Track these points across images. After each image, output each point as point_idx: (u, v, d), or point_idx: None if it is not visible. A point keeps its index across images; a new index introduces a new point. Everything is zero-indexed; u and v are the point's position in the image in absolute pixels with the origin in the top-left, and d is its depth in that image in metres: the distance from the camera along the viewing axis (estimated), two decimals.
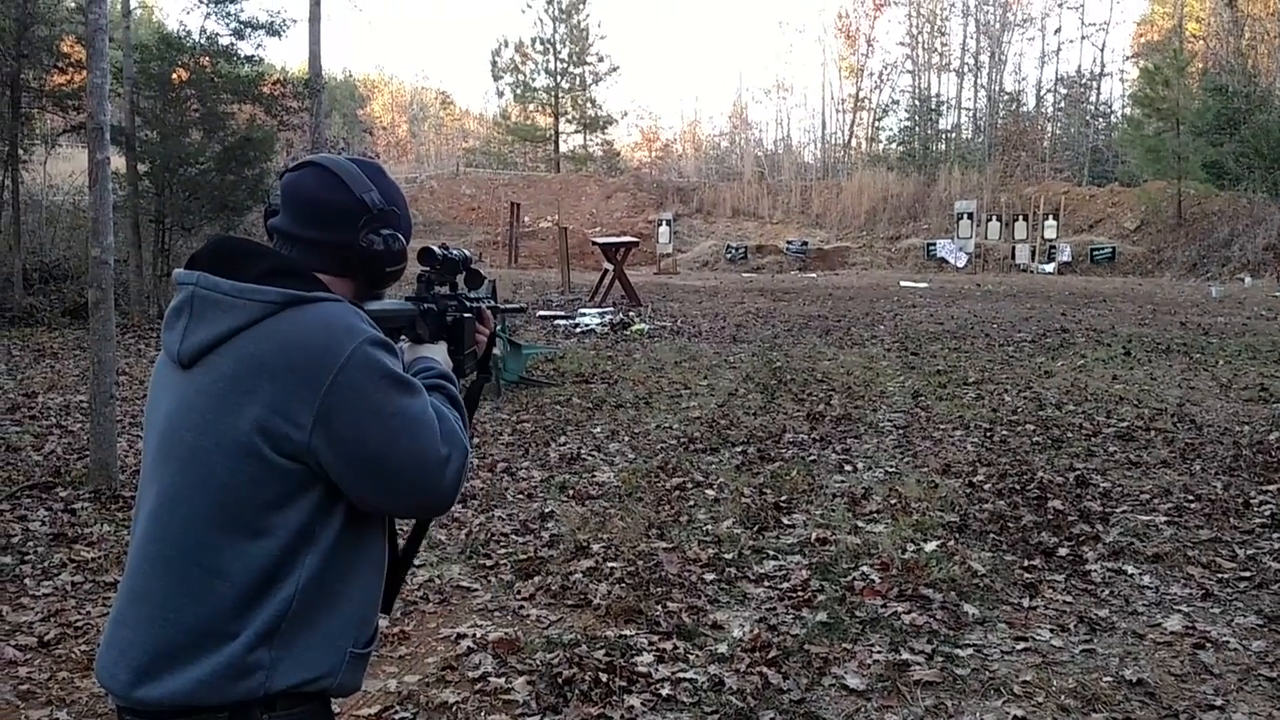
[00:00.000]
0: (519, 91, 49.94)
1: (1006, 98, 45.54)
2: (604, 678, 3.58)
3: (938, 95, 45.37)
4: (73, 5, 16.59)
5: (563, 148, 49.41)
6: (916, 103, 44.67)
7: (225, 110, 17.24)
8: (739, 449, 7.31)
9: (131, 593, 1.51)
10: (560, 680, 3.57)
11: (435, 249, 1.84)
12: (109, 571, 4.76)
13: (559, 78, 48.95)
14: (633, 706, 3.42)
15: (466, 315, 1.86)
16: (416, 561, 3.82)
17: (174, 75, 16.60)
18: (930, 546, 4.98)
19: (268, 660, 1.45)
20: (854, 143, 49.01)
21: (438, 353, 1.78)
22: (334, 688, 1.52)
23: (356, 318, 1.51)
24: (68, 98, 15.79)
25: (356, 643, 1.55)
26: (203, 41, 16.78)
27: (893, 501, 5.85)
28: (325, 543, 1.48)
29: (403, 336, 1.78)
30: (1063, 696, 3.48)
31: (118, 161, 13.39)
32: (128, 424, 7.89)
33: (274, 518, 1.46)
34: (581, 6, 48.59)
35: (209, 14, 16.75)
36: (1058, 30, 47.27)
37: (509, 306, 2.31)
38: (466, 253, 1.89)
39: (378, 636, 1.65)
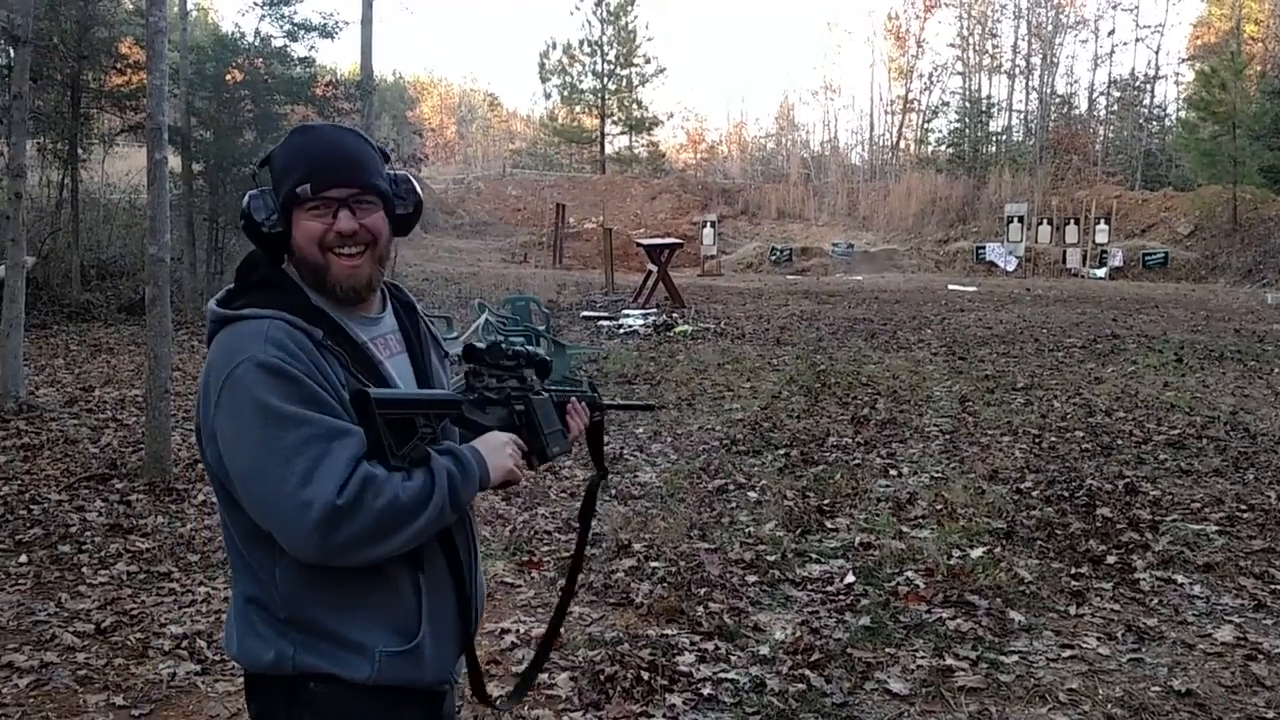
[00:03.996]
0: (566, 93, 50.12)
1: (1058, 100, 44.90)
2: (646, 676, 3.60)
3: (988, 97, 44.82)
4: (131, 8, 16.97)
5: (608, 149, 49.51)
6: (966, 104, 44.15)
7: (278, 111, 17.51)
8: (782, 451, 7.29)
9: None
10: (602, 677, 3.60)
11: (475, 344, 1.73)
12: (163, 562, 4.87)
13: (606, 79, 49.06)
14: (674, 705, 3.44)
15: (538, 397, 1.76)
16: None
17: (228, 76, 16.90)
18: (976, 552, 4.95)
19: (289, 648, 1.55)
20: (902, 144, 48.61)
21: (488, 440, 1.65)
22: (377, 684, 1.56)
23: (252, 336, 1.49)
24: (125, 98, 16.13)
25: (391, 644, 1.57)
26: (257, 43, 17.06)
27: (938, 507, 5.81)
28: (284, 552, 1.50)
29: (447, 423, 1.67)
30: (1109, 705, 3.45)
31: (173, 161, 13.63)
32: (181, 418, 8.03)
33: (233, 520, 1.57)
34: (629, 8, 48.65)
35: (263, 16, 17.03)
36: (1111, 32, 46.81)
37: (627, 404, 2.29)
38: (532, 350, 1.79)
39: (422, 638, 1.61)
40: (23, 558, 4.88)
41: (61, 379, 10.09)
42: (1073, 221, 30.64)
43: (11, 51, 9.75)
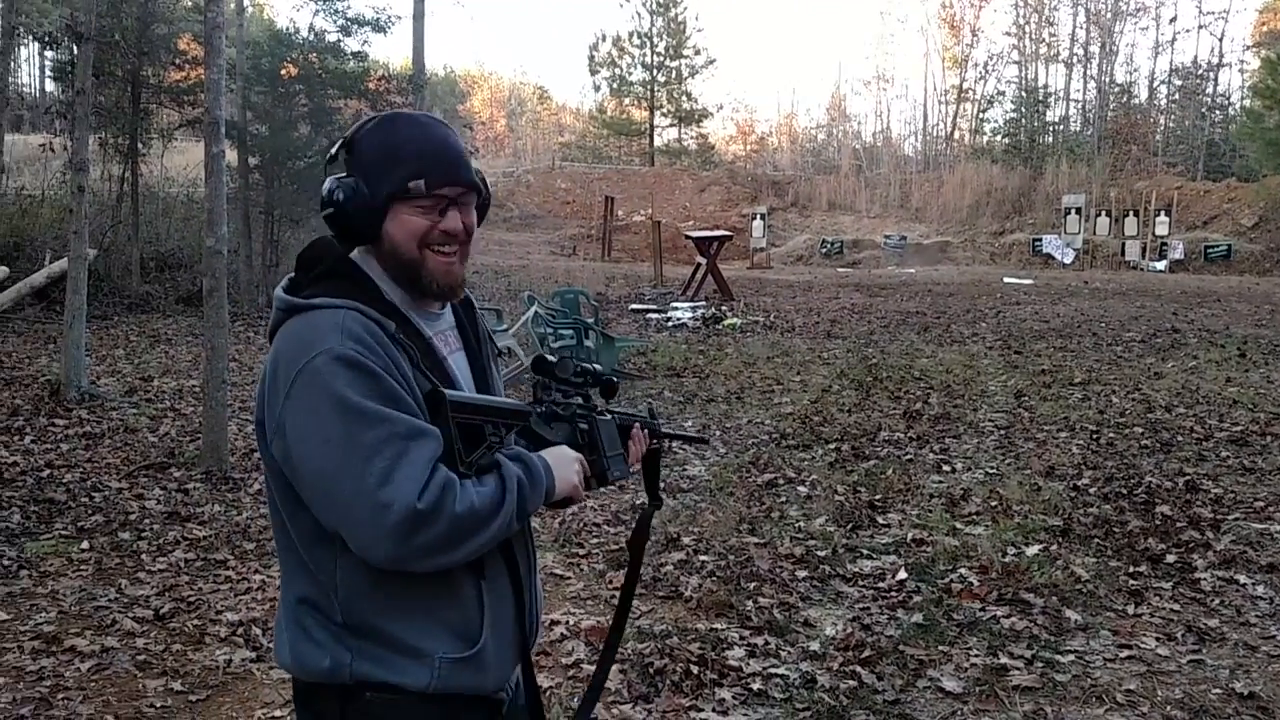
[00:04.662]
0: (615, 85, 50.14)
1: (1117, 89, 44.03)
2: (695, 670, 3.59)
3: (1045, 86, 44.04)
4: (190, 4, 17.26)
5: (657, 141, 49.45)
6: (1023, 94, 43.43)
7: (332, 105, 17.71)
8: (832, 446, 7.23)
9: None
10: (652, 670, 3.60)
11: (547, 356, 1.71)
12: (219, 550, 4.95)
13: (655, 71, 48.97)
14: (724, 700, 3.43)
15: (602, 418, 1.73)
16: None
17: (283, 71, 17.12)
18: (1032, 550, 4.86)
19: (346, 655, 1.50)
20: (956, 135, 47.93)
21: (557, 453, 1.62)
22: (437, 691, 1.51)
23: (329, 328, 1.44)
24: (184, 93, 16.43)
25: (452, 650, 1.52)
26: (311, 38, 17.26)
27: (993, 503, 5.73)
28: (350, 552, 1.45)
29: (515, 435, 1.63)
30: (1169, 707, 3.37)
31: (230, 155, 13.85)
32: (238, 408, 8.17)
33: (294, 520, 1.51)
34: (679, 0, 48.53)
35: (318, 11, 17.27)
36: (1173, 19, 45.77)
37: (682, 434, 2.15)
38: (600, 370, 1.75)
39: (484, 644, 1.56)
40: (84, 544, 4.99)
41: (121, 369, 10.31)
42: (1132, 213, 29.99)
43: (75, 48, 9.96)
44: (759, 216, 32.45)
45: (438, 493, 1.38)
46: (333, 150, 1.59)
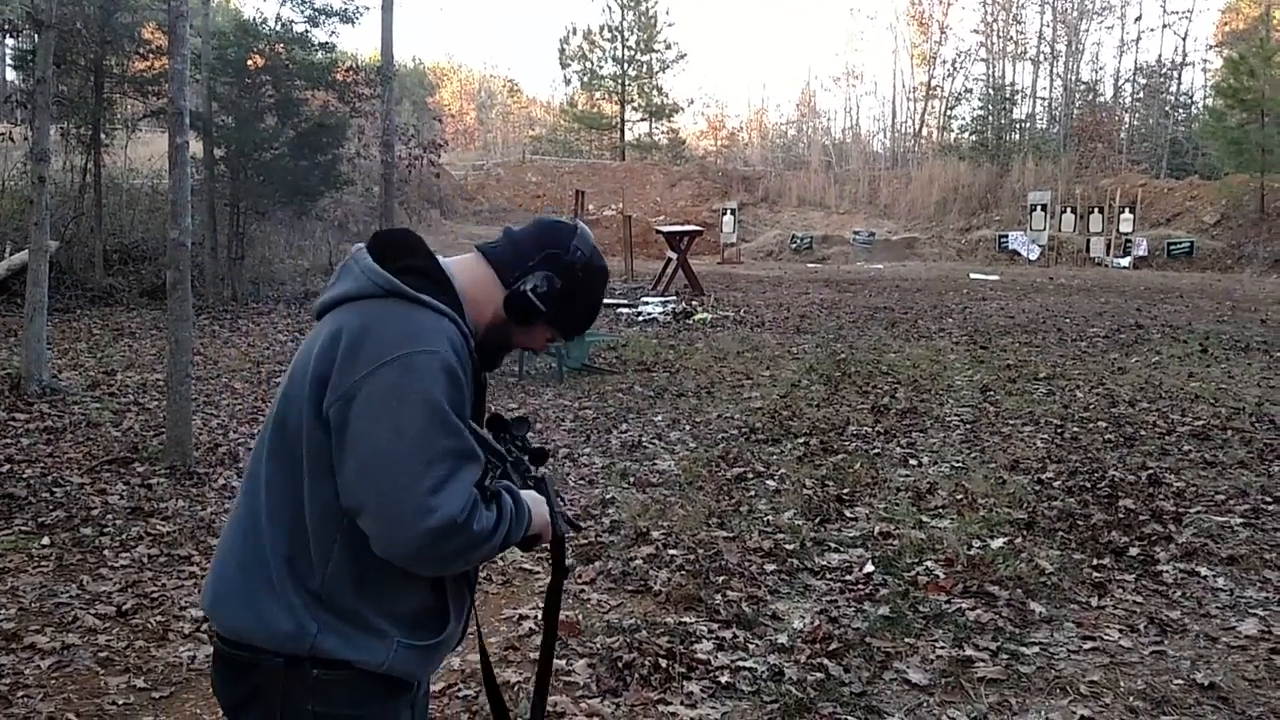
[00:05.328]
0: (586, 79, 49.94)
1: (1083, 87, 44.40)
2: (664, 663, 3.60)
3: (1012, 84, 44.29)
4: None
5: (628, 135, 49.31)
6: (990, 91, 43.68)
7: (299, 96, 17.54)
8: (801, 440, 7.26)
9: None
10: (620, 664, 3.60)
11: (504, 416, 1.82)
12: (183, 545, 4.90)
13: (626, 65, 48.84)
14: (692, 693, 3.43)
15: (542, 480, 1.81)
16: None
17: (250, 61, 16.92)
18: (997, 543, 4.91)
19: (313, 625, 1.54)
20: (925, 132, 48.20)
21: (529, 494, 1.72)
22: (385, 672, 1.58)
23: (440, 333, 1.53)
24: (148, 83, 16.19)
25: (410, 637, 1.60)
26: (278, 28, 17.07)
27: (959, 497, 5.77)
28: (356, 531, 1.52)
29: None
30: (1131, 698, 3.42)
31: (195, 146, 13.69)
32: (202, 402, 8.09)
33: (315, 485, 1.54)
34: None
35: (284, 1, 17.05)
36: (1138, 18, 45.98)
37: (572, 522, 2.02)
38: (526, 423, 1.87)
39: (447, 636, 1.68)
40: (45, 540, 4.91)
41: (84, 363, 10.17)
42: (1097, 210, 30.31)
43: (35, 36, 9.79)
44: (729, 212, 32.50)
45: (471, 511, 1.49)
46: (570, 259, 1.71)
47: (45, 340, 8.49)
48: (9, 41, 16.45)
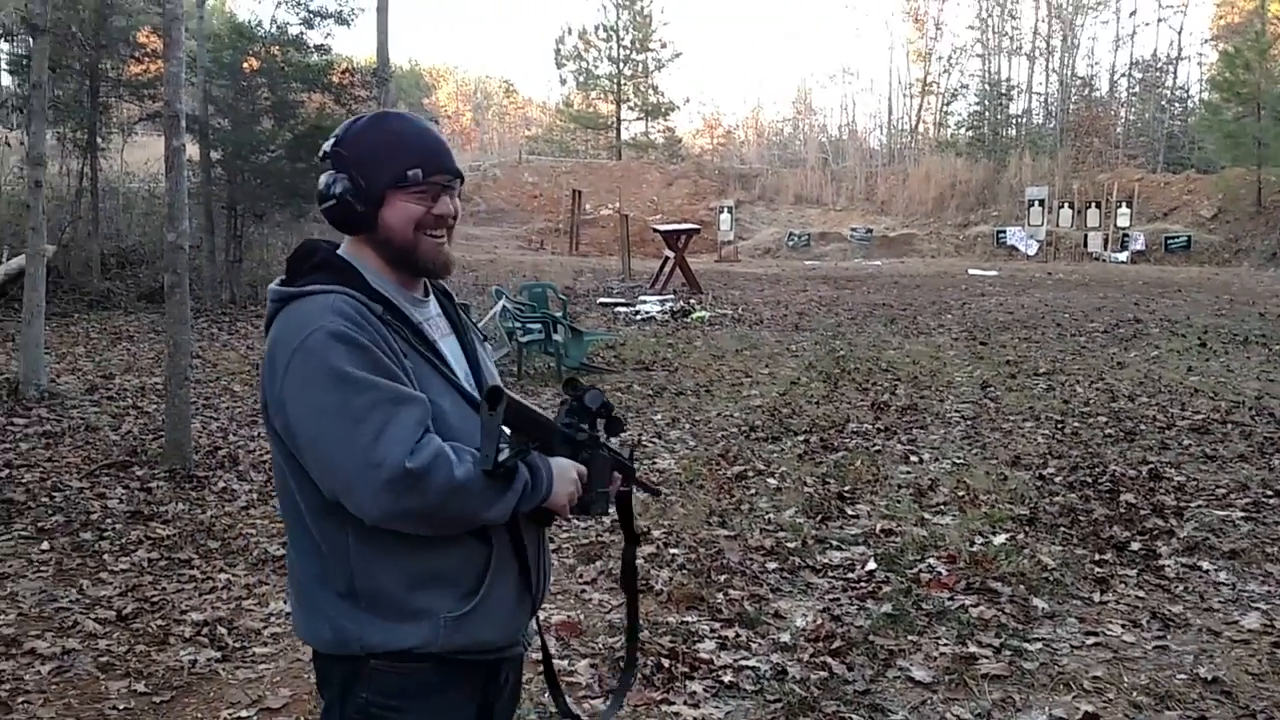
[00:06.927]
0: (581, 79, 49.95)
1: (1079, 82, 44.44)
2: (666, 663, 3.59)
3: (1008, 80, 44.35)
4: None
5: (624, 135, 49.31)
6: (986, 87, 43.74)
7: (295, 99, 17.49)
8: (801, 438, 7.25)
9: None
10: (622, 664, 3.58)
11: (581, 380, 1.80)
12: (183, 549, 4.88)
13: (621, 64, 48.83)
14: (695, 693, 3.42)
15: (601, 455, 1.78)
16: None
17: (245, 64, 16.88)
18: (999, 539, 4.90)
19: (352, 626, 1.59)
20: (921, 128, 48.24)
21: (561, 466, 1.68)
22: (442, 652, 1.61)
23: (322, 310, 1.55)
24: (144, 86, 16.18)
25: (455, 608, 1.61)
26: (273, 31, 17.02)
27: (960, 493, 5.77)
28: (358, 522, 1.54)
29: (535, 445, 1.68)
30: (1135, 693, 3.41)
31: (191, 149, 13.67)
32: (201, 406, 8.08)
33: (303, 494, 1.60)
34: None
35: (279, 3, 16.98)
36: (1133, 13, 45.80)
37: (646, 482, 2.06)
38: (603, 398, 1.79)
39: (496, 595, 1.66)
40: (44, 545, 4.90)
41: (82, 367, 10.15)
42: (1094, 205, 30.34)
43: (30, 40, 9.77)
44: (726, 210, 32.50)
45: (430, 457, 1.48)
46: (325, 148, 1.68)
47: (43, 345, 8.47)
48: (4, 46, 16.40)
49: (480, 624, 1.64)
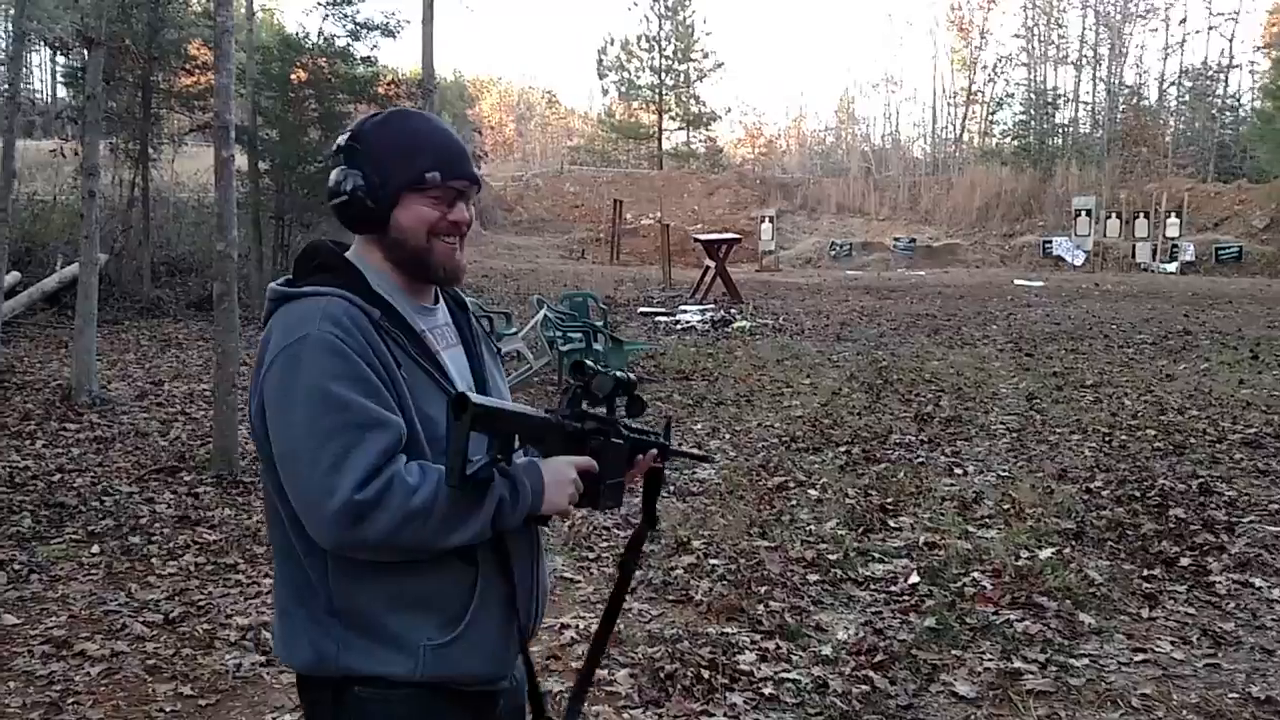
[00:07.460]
0: (623, 89, 50.13)
1: (1127, 91, 43.81)
2: (706, 674, 3.57)
3: (1054, 88, 43.83)
4: (199, 9, 17.28)
5: (666, 145, 49.39)
6: (1032, 96, 43.28)
7: (342, 110, 17.70)
8: (843, 449, 7.20)
9: None
10: (662, 674, 3.58)
11: (589, 363, 1.66)
12: (229, 554, 4.95)
13: (663, 75, 48.94)
14: (735, 704, 3.41)
15: (614, 442, 1.67)
16: None
17: (293, 75, 17.14)
18: (1045, 553, 4.83)
19: (332, 646, 1.52)
20: (966, 137, 47.82)
21: (553, 469, 1.58)
22: (422, 681, 1.53)
23: (312, 315, 1.49)
24: (194, 98, 16.47)
25: (437, 636, 1.53)
26: (321, 43, 17.27)
27: (1005, 506, 5.69)
28: None
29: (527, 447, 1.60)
30: (1184, 711, 3.35)
31: (240, 159, 13.87)
32: (248, 412, 8.16)
33: (282, 496, 1.52)
34: (687, 3, 48.47)
35: (327, 15, 17.25)
36: (1183, 21, 45.01)
37: (688, 451, 2.02)
38: (630, 376, 1.70)
39: (480, 624, 1.57)
40: (95, 548, 4.99)
41: (133, 373, 10.33)
42: (1142, 215, 29.84)
43: (85, 53, 9.99)
44: (768, 219, 32.38)
45: (382, 487, 1.40)
46: (339, 142, 1.62)
47: (95, 351, 8.64)
48: (60, 59, 16.78)
49: (464, 654, 1.55)
